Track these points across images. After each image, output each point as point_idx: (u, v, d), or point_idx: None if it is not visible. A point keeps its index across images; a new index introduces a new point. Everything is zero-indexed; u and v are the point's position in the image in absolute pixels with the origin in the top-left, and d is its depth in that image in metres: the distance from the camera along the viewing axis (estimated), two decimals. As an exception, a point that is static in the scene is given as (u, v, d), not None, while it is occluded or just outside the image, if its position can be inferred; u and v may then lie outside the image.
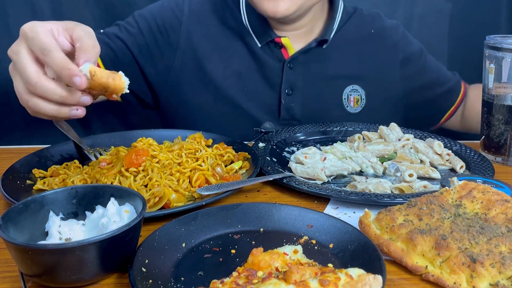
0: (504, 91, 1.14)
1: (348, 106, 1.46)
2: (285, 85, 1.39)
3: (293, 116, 1.41)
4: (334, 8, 1.44)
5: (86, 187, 0.78)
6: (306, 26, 1.40)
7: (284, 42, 1.37)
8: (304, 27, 1.40)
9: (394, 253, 0.73)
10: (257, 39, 1.38)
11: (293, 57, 1.39)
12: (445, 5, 1.94)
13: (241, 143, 1.15)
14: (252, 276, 0.63)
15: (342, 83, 1.45)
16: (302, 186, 0.96)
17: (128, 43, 1.38)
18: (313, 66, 1.42)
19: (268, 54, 1.39)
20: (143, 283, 0.64)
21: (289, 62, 1.39)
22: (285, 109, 1.40)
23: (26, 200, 0.72)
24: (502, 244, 0.69)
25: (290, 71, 1.39)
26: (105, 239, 0.64)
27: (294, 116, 1.41)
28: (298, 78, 1.40)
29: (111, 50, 1.36)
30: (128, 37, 1.38)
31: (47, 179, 0.97)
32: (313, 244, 0.76)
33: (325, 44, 1.41)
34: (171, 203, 0.89)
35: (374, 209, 0.87)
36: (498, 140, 1.17)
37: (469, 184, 0.84)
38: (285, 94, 1.39)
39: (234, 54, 1.39)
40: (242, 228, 0.80)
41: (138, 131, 1.19)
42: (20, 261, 0.65)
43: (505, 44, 1.12)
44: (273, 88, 1.40)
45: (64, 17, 1.71)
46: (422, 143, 1.17)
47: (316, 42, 1.39)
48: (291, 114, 1.41)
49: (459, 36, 1.96)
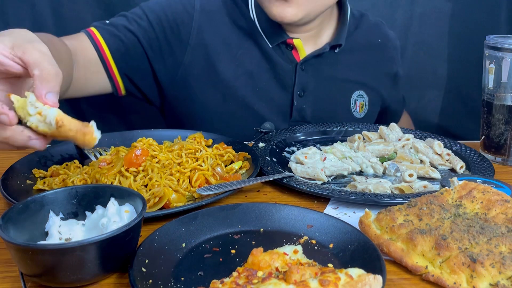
0: (504, 91, 1.14)
1: (355, 111, 1.48)
2: (298, 86, 1.39)
3: (304, 118, 1.41)
4: (343, 12, 1.44)
5: (86, 187, 0.78)
6: (315, 28, 1.40)
7: (296, 43, 1.37)
8: (314, 30, 1.40)
9: (394, 253, 0.73)
10: (268, 40, 1.37)
11: (306, 59, 1.39)
12: (445, 5, 1.94)
13: (241, 143, 1.15)
14: (252, 276, 0.63)
15: (350, 88, 1.48)
16: (302, 186, 0.96)
17: (139, 36, 1.32)
18: (325, 69, 1.43)
19: (279, 55, 1.38)
20: (143, 283, 0.64)
21: (302, 64, 1.39)
22: (297, 110, 1.40)
23: (26, 200, 0.72)
24: (502, 244, 0.69)
25: (302, 73, 1.39)
26: (105, 239, 0.64)
27: (305, 118, 1.41)
28: (310, 80, 1.40)
29: (122, 43, 1.31)
30: (138, 30, 1.32)
31: (47, 179, 0.97)
32: (313, 244, 0.76)
33: (338, 48, 1.42)
34: (171, 203, 0.89)
35: (374, 209, 0.87)
36: (498, 140, 1.17)
37: (469, 184, 0.84)
38: (298, 96, 1.39)
39: (245, 54, 1.37)
40: (242, 228, 0.80)
41: (138, 131, 1.19)
42: (20, 261, 0.65)
43: (505, 44, 1.12)
44: (285, 89, 1.40)
45: (64, 17, 1.71)
46: (422, 143, 1.17)
47: (329, 46, 1.40)
48: (302, 115, 1.41)
49: (459, 36, 1.96)
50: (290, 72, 1.39)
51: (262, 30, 1.36)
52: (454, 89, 2.03)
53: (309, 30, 1.39)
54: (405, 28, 1.95)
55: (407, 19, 1.95)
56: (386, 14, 1.93)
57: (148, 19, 1.33)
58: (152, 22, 1.33)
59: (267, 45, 1.37)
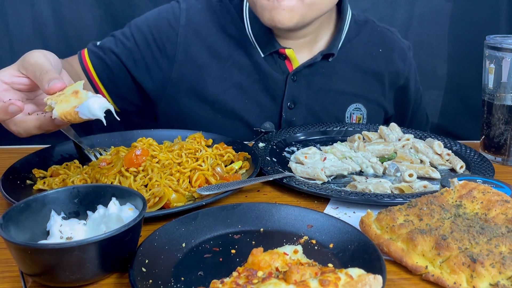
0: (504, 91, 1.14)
1: None
2: (287, 98, 1.35)
3: None
4: (342, 18, 1.38)
5: (88, 187, 0.78)
6: (311, 35, 1.35)
7: (288, 53, 1.32)
8: (309, 36, 1.35)
9: (394, 253, 0.73)
10: (260, 49, 1.33)
11: (297, 70, 1.34)
12: (445, 5, 1.94)
13: (241, 143, 1.15)
14: (252, 276, 0.63)
15: (346, 100, 1.41)
16: (302, 186, 0.96)
17: (122, 58, 1.35)
18: (318, 80, 1.37)
19: (271, 65, 1.34)
20: (143, 283, 0.64)
21: (293, 75, 1.34)
22: (286, 123, 1.36)
23: (28, 199, 0.72)
24: (502, 244, 0.69)
25: (293, 84, 1.35)
26: (104, 239, 0.64)
27: None
28: (302, 92, 1.36)
29: (107, 66, 1.35)
30: (123, 51, 1.35)
31: (47, 179, 0.97)
32: (313, 244, 0.76)
33: (331, 58, 1.36)
34: (171, 203, 0.89)
35: (374, 209, 0.87)
36: (498, 140, 1.18)
37: (469, 184, 0.84)
38: (287, 108, 1.36)
39: (234, 65, 1.34)
40: (242, 228, 0.80)
41: (138, 131, 1.19)
42: (20, 261, 0.65)
43: (505, 44, 1.12)
44: (275, 101, 1.36)
45: (64, 17, 1.71)
46: (422, 143, 1.17)
47: (321, 55, 1.34)
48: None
49: (459, 36, 1.96)
50: (281, 83, 1.35)
51: (255, 39, 1.33)
52: (454, 89, 2.03)
53: (305, 36, 1.34)
54: (405, 28, 1.94)
55: (407, 19, 1.95)
56: (386, 14, 1.92)
57: (134, 39, 1.35)
58: (137, 42, 1.35)
59: (258, 55, 1.33)
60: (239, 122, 1.36)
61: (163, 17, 1.37)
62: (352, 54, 1.40)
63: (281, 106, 1.36)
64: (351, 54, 1.39)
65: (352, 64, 1.40)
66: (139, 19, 1.39)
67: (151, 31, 1.35)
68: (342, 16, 1.38)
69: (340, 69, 1.39)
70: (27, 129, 0.89)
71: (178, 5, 1.38)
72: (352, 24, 1.41)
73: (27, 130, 0.89)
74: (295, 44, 1.35)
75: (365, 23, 1.45)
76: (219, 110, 1.36)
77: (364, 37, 1.42)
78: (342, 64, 1.38)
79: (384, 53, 1.44)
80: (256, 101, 1.36)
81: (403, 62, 1.47)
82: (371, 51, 1.43)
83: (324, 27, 1.37)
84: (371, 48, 1.43)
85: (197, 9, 1.37)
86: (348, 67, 1.39)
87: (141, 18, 1.40)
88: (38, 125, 0.88)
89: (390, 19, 1.91)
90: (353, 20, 1.41)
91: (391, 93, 1.48)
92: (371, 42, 1.43)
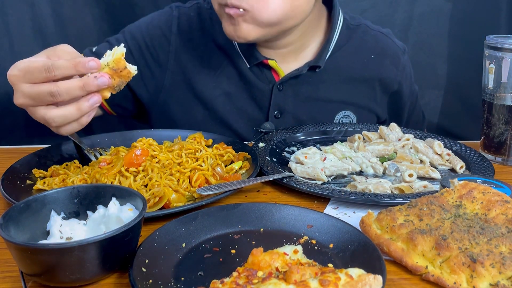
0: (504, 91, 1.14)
1: None
2: (274, 108, 1.35)
3: None
4: (332, 27, 1.34)
5: (88, 187, 0.78)
6: (293, 44, 1.32)
7: (271, 64, 1.31)
8: (292, 45, 1.33)
9: (394, 253, 0.73)
10: (246, 60, 1.33)
11: (283, 80, 1.33)
12: (445, 5, 1.94)
13: (241, 143, 1.15)
14: (252, 276, 0.63)
15: (333, 108, 1.39)
16: (302, 186, 0.96)
17: None
18: (304, 89, 1.36)
19: (257, 75, 1.34)
20: (143, 283, 0.64)
21: (279, 85, 1.33)
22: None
23: (28, 199, 0.72)
24: (502, 245, 0.69)
25: (280, 94, 1.34)
26: (104, 239, 0.64)
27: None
28: (288, 101, 1.35)
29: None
30: None
31: (47, 179, 0.97)
32: (313, 244, 0.76)
33: (318, 69, 1.33)
34: (171, 203, 0.89)
35: (374, 209, 0.87)
36: (498, 140, 1.18)
37: (469, 184, 0.84)
38: (273, 117, 1.35)
39: (223, 74, 1.35)
40: (242, 228, 0.80)
41: (138, 131, 1.19)
42: (20, 261, 0.65)
43: (505, 44, 1.12)
44: (262, 110, 1.36)
45: (64, 17, 1.71)
46: (422, 143, 1.17)
47: (308, 66, 1.32)
48: None
49: (459, 36, 1.96)
50: (267, 92, 1.34)
51: (241, 50, 1.32)
52: (454, 89, 2.03)
53: (287, 46, 1.32)
54: (405, 28, 1.94)
55: (407, 19, 1.94)
56: (386, 14, 1.92)
57: (128, 46, 1.35)
58: (131, 49, 1.35)
59: (244, 65, 1.33)
60: (228, 130, 1.37)
61: (156, 25, 1.37)
62: (341, 62, 1.37)
63: (267, 116, 1.36)
64: (340, 63, 1.37)
65: (341, 72, 1.37)
66: (133, 26, 1.39)
67: (144, 38, 1.36)
68: (332, 24, 1.35)
69: (327, 78, 1.36)
70: (69, 89, 0.88)
71: (170, 12, 1.38)
72: (344, 30, 1.38)
73: (69, 90, 0.88)
74: (279, 54, 1.33)
75: (357, 27, 1.41)
76: (210, 118, 1.36)
77: (356, 42, 1.39)
78: (330, 73, 1.36)
79: (375, 59, 1.40)
80: (244, 110, 1.36)
81: (395, 67, 1.43)
82: (361, 57, 1.40)
83: (311, 35, 1.35)
84: (362, 54, 1.40)
85: (188, 16, 1.38)
86: (336, 75, 1.37)
87: (134, 24, 1.40)
88: (81, 85, 0.88)
89: (390, 19, 1.91)
90: (345, 26, 1.39)
91: (384, 98, 1.46)
92: (363, 48, 1.40)
